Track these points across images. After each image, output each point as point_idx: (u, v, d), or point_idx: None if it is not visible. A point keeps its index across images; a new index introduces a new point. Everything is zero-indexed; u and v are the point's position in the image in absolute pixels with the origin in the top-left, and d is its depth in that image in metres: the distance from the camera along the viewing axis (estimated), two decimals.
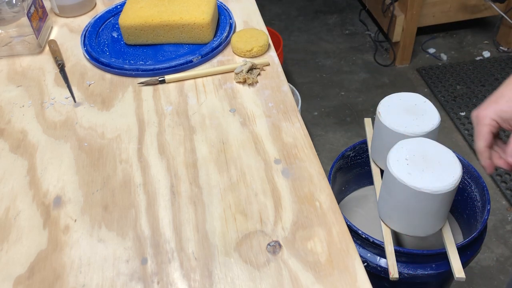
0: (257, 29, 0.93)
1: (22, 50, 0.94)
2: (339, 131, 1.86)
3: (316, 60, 2.24)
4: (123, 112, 0.80)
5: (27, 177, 0.70)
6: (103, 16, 1.00)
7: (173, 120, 0.78)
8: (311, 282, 0.55)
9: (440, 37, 2.31)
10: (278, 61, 0.88)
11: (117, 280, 0.57)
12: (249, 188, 0.66)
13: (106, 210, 0.65)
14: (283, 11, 2.60)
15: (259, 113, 0.78)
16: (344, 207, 1.24)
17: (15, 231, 0.63)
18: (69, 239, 0.62)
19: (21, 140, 0.76)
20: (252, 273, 0.56)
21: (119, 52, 0.92)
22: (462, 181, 1.08)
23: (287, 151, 0.71)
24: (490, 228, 1.51)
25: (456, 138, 1.81)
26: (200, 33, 0.91)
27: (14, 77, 0.89)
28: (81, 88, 0.86)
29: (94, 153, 0.73)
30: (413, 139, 0.86)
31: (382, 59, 2.21)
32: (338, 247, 0.59)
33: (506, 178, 1.63)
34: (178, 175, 0.69)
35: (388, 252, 0.89)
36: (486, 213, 0.98)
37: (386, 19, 2.11)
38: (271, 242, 0.60)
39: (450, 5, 2.09)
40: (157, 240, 0.61)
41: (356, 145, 1.16)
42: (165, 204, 0.65)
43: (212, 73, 0.86)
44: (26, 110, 0.82)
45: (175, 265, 0.58)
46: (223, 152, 0.72)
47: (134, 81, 0.86)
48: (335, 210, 0.63)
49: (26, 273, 0.58)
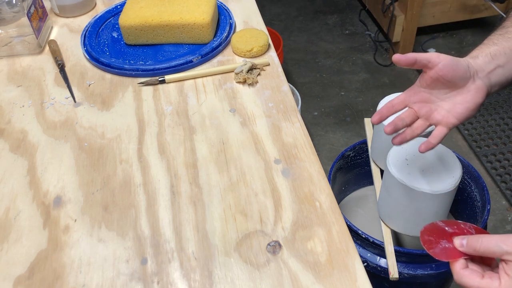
0: (257, 29, 0.93)
1: (22, 50, 0.94)
2: (339, 131, 1.86)
3: (316, 60, 2.24)
4: (123, 112, 0.80)
5: (27, 177, 0.70)
6: (103, 16, 1.00)
7: (173, 120, 0.78)
8: (311, 282, 0.55)
9: (440, 37, 2.31)
10: (278, 61, 0.88)
11: (117, 280, 0.57)
12: (249, 188, 0.66)
13: (106, 210, 0.65)
14: (283, 11, 2.60)
15: (259, 113, 0.78)
16: (344, 207, 1.24)
17: (15, 231, 0.63)
18: (69, 239, 0.62)
19: (21, 140, 0.76)
20: (252, 273, 0.56)
21: (119, 52, 0.92)
22: (462, 181, 1.08)
23: (287, 151, 0.71)
24: (490, 228, 1.50)
25: (456, 138, 1.81)
26: (200, 33, 0.91)
27: (14, 77, 0.89)
28: (81, 88, 0.86)
29: (94, 153, 0.73)
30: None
31: (382, 59, 2.21)
32: (338, 247, 0.59)
33: (506, 178, 1.63)
34: (178, 175, 0.69)
35: (388, 252, 0.89)
36: (486, 213, 0.98)
37: (386, 19, 2.11)
38: (271, 242, 0.60)
39: (450, 5, 2.09)
40: (157, 240, 0.61)
41: (356, 145, 1.16)
42: (165, 204, 0.65)
43: (212, 73, 0.86)
44: (26, 110, 0.82)
45: (175, 265, 0.58)
46: (223, 152, 0.72)
47: (134, 81, 0.86)
48: (335, 210, 0.63)
49: (26, 273, 0.58)
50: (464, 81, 0.60)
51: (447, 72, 0.59)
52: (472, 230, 0.55)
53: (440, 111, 0.62)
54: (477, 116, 1.86)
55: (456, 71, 0.59)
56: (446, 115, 0.62)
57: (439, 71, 0.59)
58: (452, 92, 0.62)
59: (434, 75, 0.60)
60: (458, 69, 0.59)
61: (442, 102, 0.62)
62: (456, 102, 0.61)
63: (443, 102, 0.62)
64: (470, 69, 0.60)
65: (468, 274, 0.51)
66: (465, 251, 0.52)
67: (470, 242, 0.52)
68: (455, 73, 0.59)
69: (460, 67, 0.59)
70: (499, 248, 0.49)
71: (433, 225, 0.57)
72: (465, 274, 0.51)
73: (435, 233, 0.56)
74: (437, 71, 0.59)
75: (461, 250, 0.52)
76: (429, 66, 0.60)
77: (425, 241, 0.56)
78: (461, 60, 0.60)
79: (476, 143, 1.76)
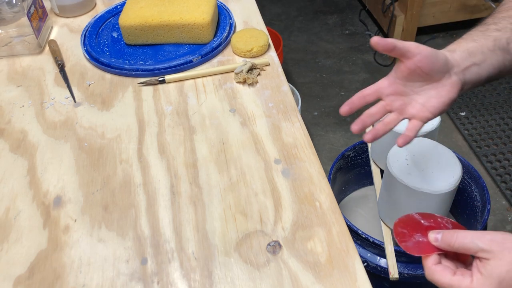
0: (257, 29, 0.93)
1: (22, 50, 0.94)
2: (339, 131, 1.86)
3: (316, 60, 2.24)
4: (123, 112, 0.80)
5: (27, 177, 0.70)
6: (103, 16, 1.00)
7: (173, 120, 0.78)
8: (311, 282, 0.55)
9: (440, 37, 2.31)
10: (278, 61, 0.88)
11: (117, 280, 0.57)
12: (249, 188, 0.66)
13: (106, 210, 0.65)
14: (283, 11, 2.60)
15: (259, 113, 0.78)
16: (344, 207, 1.24)
17: (15, 231, 0.63)
18: (69, 239, 0.62)
19: (21, 140, 0.76)
20: (252, 273, 0.56)
21: (119, 52, 0.92)
22: (462, 181, 1.08)
23: (287, 151, 0.71)
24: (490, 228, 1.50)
25: (456, 138, 1.81)
26: (200, 33, 0.91)
27: (14, 77, 0.89)
28: (81, 88, 0.86)
29: (94, 153, 0.73)
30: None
31: (382, 59, 2.21)
32: (338, 247, 0.59)
33: (506, 178, 1.63)
34: (178, 175, 0.69)
35: (388, 252, 0.89)
36: (486, 213, 0.98)
37: (386, 19, 2.11)
38: (271, 242, 0.60)
39: (450, 5, 2.09)
40: (157, 240, 0.61)
41: (356, 145, 1.16)
42: (165, 204, 0.65)
43: (212, 73, 0.86)
44: (26, 110, 0.82)
45: (175, 265, 0.58)
46: (223, 152, 0.72)
47: (134, 81, 0.86)
48: (335, 210, 0.63)
49: (26, 273, 0.58)
50: (440, 75, 0.58)
51: (426, 64, 0.57)
52: (449, 225, 0.54)
53: (415, 105, 0.60)
54: (477, 116, 1.86)
55: (434, 63, 0.57)
56: (420, 109, 0.59)
57: (418, 62, 0.57)
58: (426, 85, 0.59)
59: (412, 66, 0.57)
60: (436, 62, 0.57)
61: (416, 96, 0.60)
62: (431, 96, 0.59)
63: (417, 95, 0.60)
64: (447, 63, 0.58)
65: (440, 270, 0.50)
66: (439, 246, 0.51)
67: (445, 237, 0.50)
68: (433, 66, 0.57)
69: (439, 60, 0.57)
70: (474, 244, 0.47)
71: (408, 217, 0.55)
72: (437, 270, 0.50)
73: (409, 225, 0.54)
74: (416, 62, 0.57)
75: (435, 244, 0.51)
76: (407, 56, 0.57)
77: (398, 233, 0.54)
78: (439, 52, 0.58)
79: (476, 143, 1.76)
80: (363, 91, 0.61)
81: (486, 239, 0.47)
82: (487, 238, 0.47)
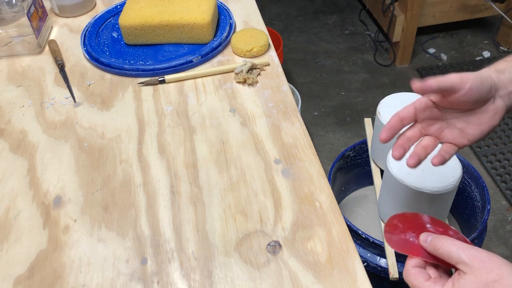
0: (257, 29, 0.93)
1: (22, 50, 0.94)
2: (339, 131, 1.86)
3: (316, 60, 2.24)
4: (123, 112, 0.80)
5: (27, 177, 0.70)
6: (103, 16, 1.00)
7: (173, 120, 0.78)
8: (311, 282, 0.55)
9: (440, 37, 2.31)
10: (278, 61, 0.88)
11: (117, 280, 0.57)
12: (249, 188, 0.66)
13: (106, 210, 0.65)
14: (283, 11, 2.60)
15: (259, 113, 0.78)
16: (344, 207, 1.24)
17: (15, 231, 0.63)
18: (69, 239, 0.62)
19: (21, 140, 0.76)
20: (252, 273, 0.56)
21: (119, 52, 0.92)
22: (462, 181, 1.08)
23: (287, 151, 0.71)
24: (490, 228, 1.50)
25: None
26: (200, 33, 0.90)
27: (14, 77, 0.89)
28: (81, 88, 0.86)
29: (94, 153, 0.73)
30: None
31: (382, 59, 2.21)
32: (338, 247, 0.59)
33: (506, 178, 1.63)
34: (178, 175, 0.69)
35: (388, 252, 0.89)
36: (486, 213, 0.98)
37: (386, 19, 2.11)
38: (271, 242, 0.60)
39: (450, 5, 2.09)
40: (157, 240, 0.61)
41: (356, 145, 1.16)
42: (165, 204, 0.65)
43: (212, 73, 0.86)
44: (26, 110, 0.82)
45: (175, 265, 0.58)
46: (223, 152, 0.72)
47: (134, 81, 0.86)
48: (335, 210, 0.63)
49: (26, 273, 0.58)
50: (483, 102, 0.54)
51: (470, 98, 0.53)
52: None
53: (452, 130, 0.56)
54: None
55: (480, 94, 0.53)
56: (458, 135, 0.56)
57: (462, 97, 0.52)
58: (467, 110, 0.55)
59: (455, 101, 0.53)
60: (482, 91, 0.53)
61: (455, 120, 0.56)
62: (470, 122, 0.55)
63: (456, 120, 0.56)
64: (492, 89, 0.54)
65: (415, 272, 0.49)
66: (426, 247, 0.50)
67: (434, 240, 0.50)
68: (478, 97, 0.53)
69: (484, 88, 0.53)
70: (457, 254, 0.47)
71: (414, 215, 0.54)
72: (412, 272, 0.49)
73: (409, 222, 0.53)
74: (459, 97, 0.53)
75: (423, 245, 0.51)
76: (450, 92, 0.53)
77: (390, 224, 0.53)
78: (484, 78, 0.53)
79: (476, 143, 1.76)
80: (399, 114, 0.56)
81: (470, 253, 0.46)
82: (472, 252, 0.46)
